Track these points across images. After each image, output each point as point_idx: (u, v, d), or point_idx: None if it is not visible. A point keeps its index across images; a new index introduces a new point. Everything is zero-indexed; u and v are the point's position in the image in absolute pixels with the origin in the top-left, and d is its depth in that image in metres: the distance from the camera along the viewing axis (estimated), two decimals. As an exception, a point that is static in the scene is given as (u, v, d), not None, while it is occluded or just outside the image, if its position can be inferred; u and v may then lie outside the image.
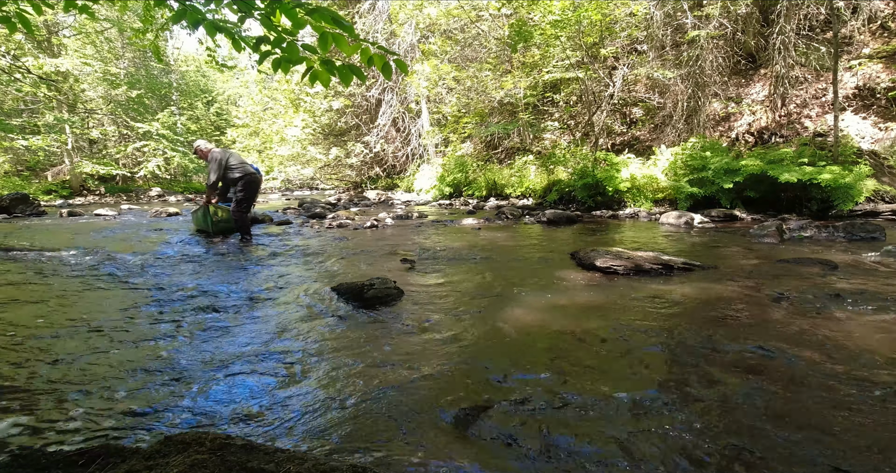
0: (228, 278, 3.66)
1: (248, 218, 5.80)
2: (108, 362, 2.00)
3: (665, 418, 1.50)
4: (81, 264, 4.14)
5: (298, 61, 2.01)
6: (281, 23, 2.00)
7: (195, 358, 2.04)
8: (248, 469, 0.98)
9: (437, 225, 7.28)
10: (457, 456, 1.31)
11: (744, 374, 1.80)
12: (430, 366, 1.92)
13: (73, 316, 2.65)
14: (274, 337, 2.30)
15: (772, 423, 1.45)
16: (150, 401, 1.65)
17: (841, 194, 6.55)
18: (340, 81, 1.97)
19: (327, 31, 1.84)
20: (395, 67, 2.07)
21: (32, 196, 11.44)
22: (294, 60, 1.99)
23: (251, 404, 1.63)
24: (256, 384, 1.79)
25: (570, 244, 5.01)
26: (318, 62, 1.98)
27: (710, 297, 2.87)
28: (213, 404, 1.63)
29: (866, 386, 1.68)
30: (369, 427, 1.47)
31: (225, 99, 34.26)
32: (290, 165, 19.27)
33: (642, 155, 9.79)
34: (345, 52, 1.94)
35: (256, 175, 5.79)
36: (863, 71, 8.71)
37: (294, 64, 2.01)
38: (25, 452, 1.27)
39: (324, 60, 1.97)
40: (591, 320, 2.47)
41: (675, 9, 10.32)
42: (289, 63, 1.99)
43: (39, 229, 7.42)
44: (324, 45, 1.88)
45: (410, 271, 3.80)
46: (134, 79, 21.67)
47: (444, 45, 14.61)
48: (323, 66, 1.97)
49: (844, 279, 3.17)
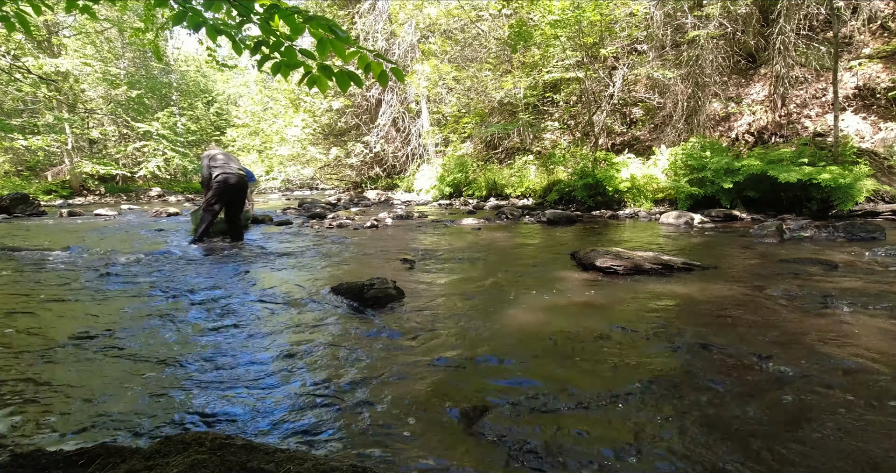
0: (228, 278, 3.66)
1: (210, 221, 5.40)
2: (107, 362, 2.00)
3: (665, 418, 1.50)
4: (82, 265, 4.14)
5: (297, 65, 2.01)
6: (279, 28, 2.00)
7: (194, 358, 2.04)
8: (248, 469, 0.98)
9: (437, 225, 7.28)
10: (458, 456, 1.31)
11: (744, 374, 1.80)
12: (431, 366, 1.92)
13: (73, 317, 2.65)
14: (274, 337, 2.30)
15: (771, 423, 1.45)
16: (150, 401, 1.65)
17: (841, 194, 6.55)
18: (338, 85, 1.97)
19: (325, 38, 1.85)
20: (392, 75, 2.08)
21: (32, 196, 11.44)
22: (293, 64, 2.00)
23: (251, 403, 1.63)
24: (256, 383, 1.79)
25: (570, 244, 5.01)
26: (316, 67, 1.99)
27: (710, 297, 2.87)
28: (213, 403, 1.63)
29: (866, 386, 1.68)
30: (369, 427, 1.47)
31: (225, 99, 34.26)
32: (290, 165, 19.28)
33: (642, 155, 9.79)
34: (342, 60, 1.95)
35: (231, 176, 5.35)
36: (863, 71, 8.71)
37: (293, 68, 2.02)
38: (25, 452, 1.27)
39: (322, 65, 1.97)
40: (591, 320, 2.47)
41: (675, 9, 10.32)
42: (288, 68, 2.00)
43: (39, 229, 7.42)
44: (322, 51, 1.89)
45: (410, 271, 3.80)
46: (134, 79, 21.69)
47: (444, 45, 14.62)
48: (321, 71, 1.98)
49: (844, 279, 3.17)
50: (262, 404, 1.63)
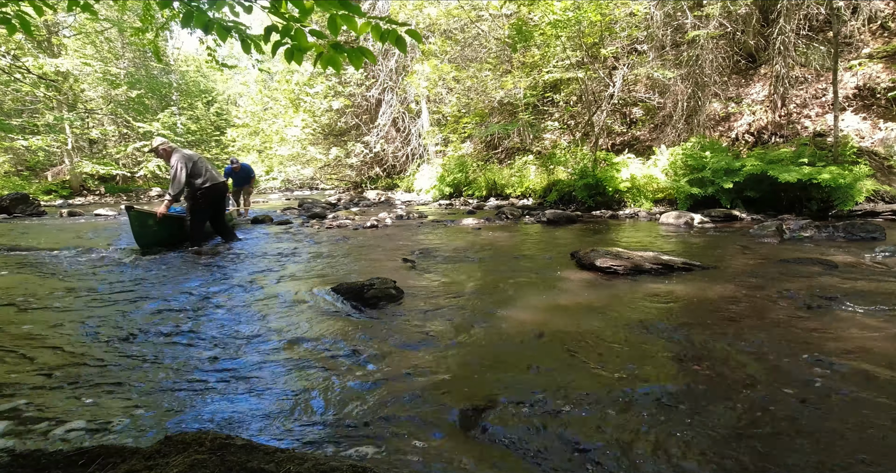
0: (227, 278, 3.66)
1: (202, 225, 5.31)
2: (107, 362, 2.00)
3: (665, 417, 1.50)
4: (81, 265, 4.14)
5: (308, 48, 2.01)
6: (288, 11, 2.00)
7: (194, 358, 2.04)
8: (248, 469, 0.98)
9: (437, 225, 7.28)
10: (458, 456, 1.31)
11: (744, 375, 1.80)
12: (431, 366, 1.92)
13: (72, 318, 2.65)
14: (274, 337, 2.30)
15: (772, 424, 1.45)
16: (151, 401, 1.65)
17: (841, 194, 6.55)
18: (350, 63, 1.97)
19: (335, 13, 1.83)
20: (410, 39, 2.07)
21: (32, 196, 11.46)
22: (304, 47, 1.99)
23: (251, 403, 1.63)
24: (256, 383, 1.79)
25: (570, 244, 5.01)
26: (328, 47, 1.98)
27: (710, 297, 2.87)
28: (213, 403, 1.63)
29: (866, 387, 1.68)
30: (370, 427, 1.47)
31: (225, 99, 34.25)
32: (290, 165, 19.25)
33: (642, 155, 9.79)
34: (355, 32, 1.94)
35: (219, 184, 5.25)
36: (863, 71, 8.71)
37: (305, 51, 2.02)
38: (25, 452, 1.27)
39: (333, 43, 1.97)
40: (591, 319, 2.47)
41: (675, 9, 10.32)
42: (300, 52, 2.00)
43: (39, 229, 7.43)
44: (334, 29, 1.87)
45: (410, 271, 3.80)
46: (134, 79, 21.68)
47: (444, 45, 14.61)
48: (332, 50, 1.97)
49: (844, 279, 3.17)
50: (261, 403, 1.63)
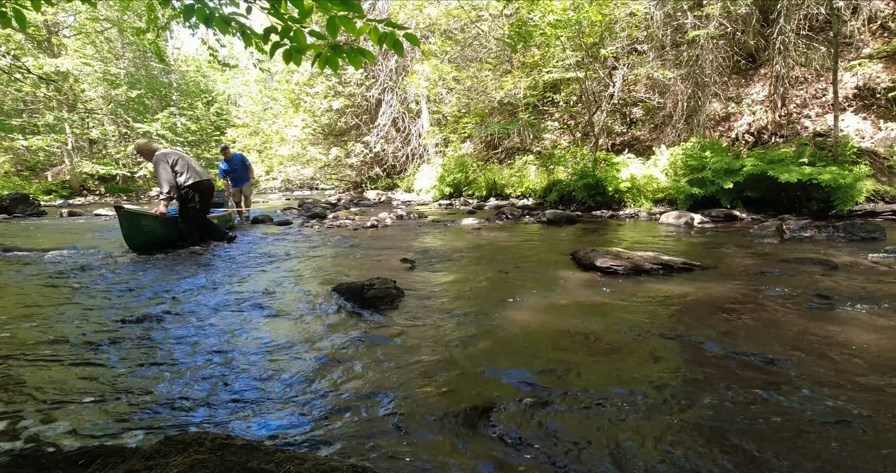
0: (228, 278, 3.66)
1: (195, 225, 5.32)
2: (107, 362, 2.00)
3: (665, 418, 1.50)
4: (80, 266, 4.14)
5: (307, 49, 2.02)
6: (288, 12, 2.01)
7: (193, 357, 2.04)
8: (248, 469, 0.98)
9: (437, 225, 7.28)
10: (459, 456, 1.31)
11: (744, 375, 1.80)
12: (431, 366, 1.92)
13: (72, 318, 2.65)
14: (274, 337, 2.30)
15: (772, 424, 1.45)
16: (151, 401, 1.65)
17: (841, 194, 6.55)
18: (350, 63, 1.99)
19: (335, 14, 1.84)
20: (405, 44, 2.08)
21: (32, 196, 11.46)
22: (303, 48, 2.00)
23: (251, 403, 1.63)
24: (256, 383, 1.79)
25: (570, 244, 5.01)
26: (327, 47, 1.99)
27: (710, 297, 2.87)
28: (212, 403, 1.63)
29: (866, 387, 1.68)
30: (370, 427, 1.47)
31: (225, 99, 34.27)
32: (290, 165, 19.26)
33: (642, 155, 9.79)
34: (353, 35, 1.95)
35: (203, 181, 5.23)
36: (863, 71, 8.71)
37: (303, 52, 2.02)
38: (25, 452, 1.27)
39: (332, 44, 1.98)
40: (591, 320, 2.47)
41: (675, 9, 10.32)
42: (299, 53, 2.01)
43: (39, 229, 7.43)
44: (332, 30, 1.88)
45: (410, 271, 3.80)
46: (134, 79, 21.70)
47: (444, 45, 14.61)
48: (331, 50, 1.98)
49: (844, 279, 3.17)
50: (261, 403, 1.63)
